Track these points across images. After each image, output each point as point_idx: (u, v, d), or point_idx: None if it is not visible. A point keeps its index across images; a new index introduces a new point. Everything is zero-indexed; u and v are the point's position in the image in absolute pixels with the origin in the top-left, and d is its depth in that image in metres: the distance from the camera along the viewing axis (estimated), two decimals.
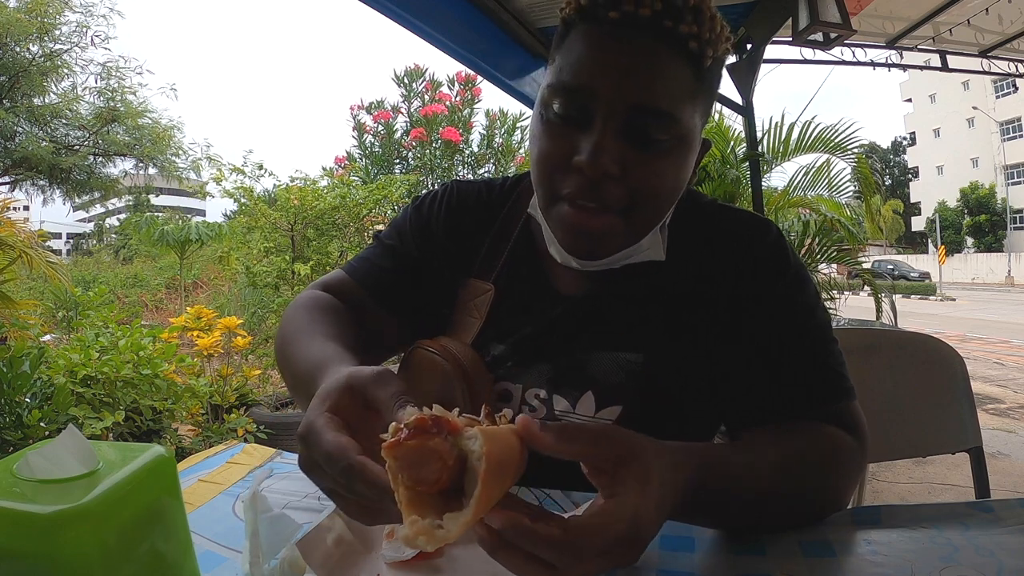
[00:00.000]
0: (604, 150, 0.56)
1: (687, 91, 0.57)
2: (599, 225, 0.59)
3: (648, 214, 0.62)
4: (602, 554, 0.40)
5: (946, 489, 3.04)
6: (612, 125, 0.56)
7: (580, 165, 0.56)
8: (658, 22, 0.55)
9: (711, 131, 3.85)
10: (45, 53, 8.52)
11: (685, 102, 0.57)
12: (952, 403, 1.12)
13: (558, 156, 0.59)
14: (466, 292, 0.75)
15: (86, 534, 0.38)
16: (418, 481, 0.35)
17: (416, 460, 0.35)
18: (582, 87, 0.57)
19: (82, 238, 30.37)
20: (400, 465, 0.35)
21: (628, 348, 0.68)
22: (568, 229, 0.61)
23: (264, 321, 4.62)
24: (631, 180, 0.58)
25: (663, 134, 0.58)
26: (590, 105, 0.57)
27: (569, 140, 0.58)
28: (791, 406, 0.63)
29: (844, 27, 2.63)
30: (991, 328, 10.66)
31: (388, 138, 6.31)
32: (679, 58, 0.57)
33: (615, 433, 0.45)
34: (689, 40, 0.56)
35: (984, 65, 4.28)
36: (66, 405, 2.29)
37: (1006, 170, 32.20)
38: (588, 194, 0.58)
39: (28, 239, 3.90)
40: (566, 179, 0.59)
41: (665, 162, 0.59)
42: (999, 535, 0.54)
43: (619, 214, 0.60)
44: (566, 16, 0.60)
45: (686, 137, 0.59)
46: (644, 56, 0.56)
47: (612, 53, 0.56)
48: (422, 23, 2.19)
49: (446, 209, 0.79)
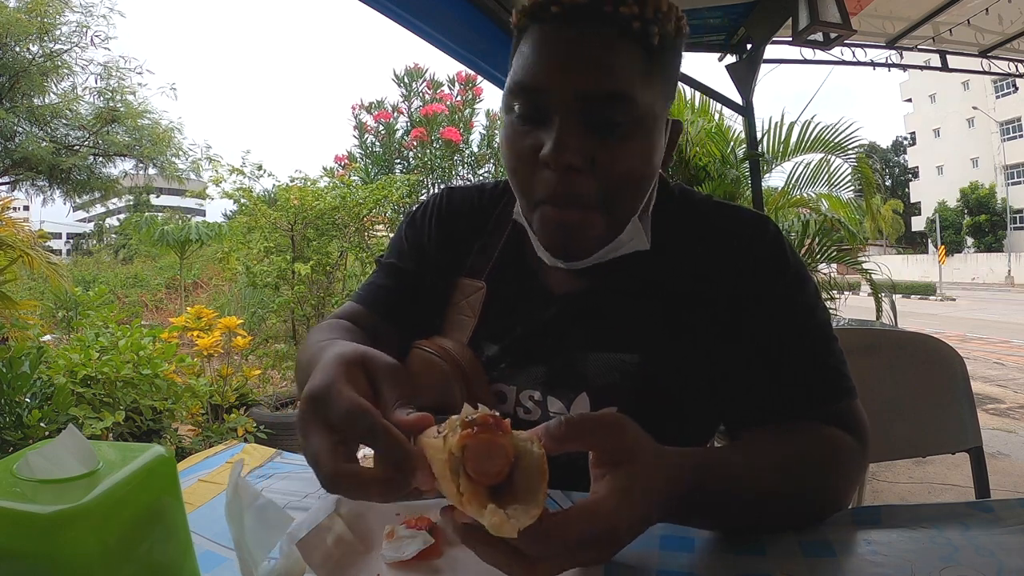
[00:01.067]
0: (565, 142, 0.57)
1: (638, 71, 0.58)
2: (577, 220, 0.60)
3: (623, 202, 0.62)
4: (573, 549, 0.40)
5: (946, 489, 3.04)
6: (569, 117, 0.57)
7: (545, 159, 0.57)
8: (598, 8, 0.56)
9: (711, 131, 3.85)
10: (45, 53, 8.51)
11: (638, 83, 0.58)
12: (952, 403, 1.12)
13: (526, 157, 0.60)
14: (459, 291, 0.76)
15: (86, 534, 0.38)
16: (481, 473, 0.37)
17: (485, 454, 0.37)
18: (535, 85, 0.58)
19: (82, 238, 30.38)
20: (468, 456, 0.37)
21: (623, 349, 0.68)
22: (548, 231, 0.62)
23: (264, 321, 4.62)
24: (599, 168, 0.58)
25: (621, 116, 0.58)
26: (546, 102, 0.58)
27: (533, 139, 0.59)
28: (791, 406, 0.63)
29: (844, 27, 2.63)
30: (991, 328, 10.66)
31: (389, 138, 6.31)
32: (625, 40, 0.57)
33: (619, 430, 0.45)
34: (632, 21, 0.56)
35: (984, 65, 4.28)
36: (66, 405, 2.29)
37: (1006, 170, 32.19)
38: (562, 194, 0.59)
39: (28, 239, 3.91)
40: (539, 180, 0.60)
41: (629, 145, 0.59)
42: (999, 535, 0.54)
43: (596, 209, 0.60)
44: (516, 23, 0.62)
45: (646, 118, 0.59)
46: (589, 44, 0.57)
47: (558, 46, 0.57)
48: (422, 23, 2.19)
49: (437, 218, 0.80)
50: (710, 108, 4.00)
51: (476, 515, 0.37)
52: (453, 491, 0.38)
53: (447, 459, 0.38)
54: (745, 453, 0.59)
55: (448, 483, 0.38)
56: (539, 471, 0.38)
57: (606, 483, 0.43)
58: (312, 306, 3.96)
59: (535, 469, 0.39)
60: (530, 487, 0.38)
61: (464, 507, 0.37)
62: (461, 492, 0.37)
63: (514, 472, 0.39)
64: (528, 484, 0.38)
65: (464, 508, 0.37)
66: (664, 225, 0.70)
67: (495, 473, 0.38)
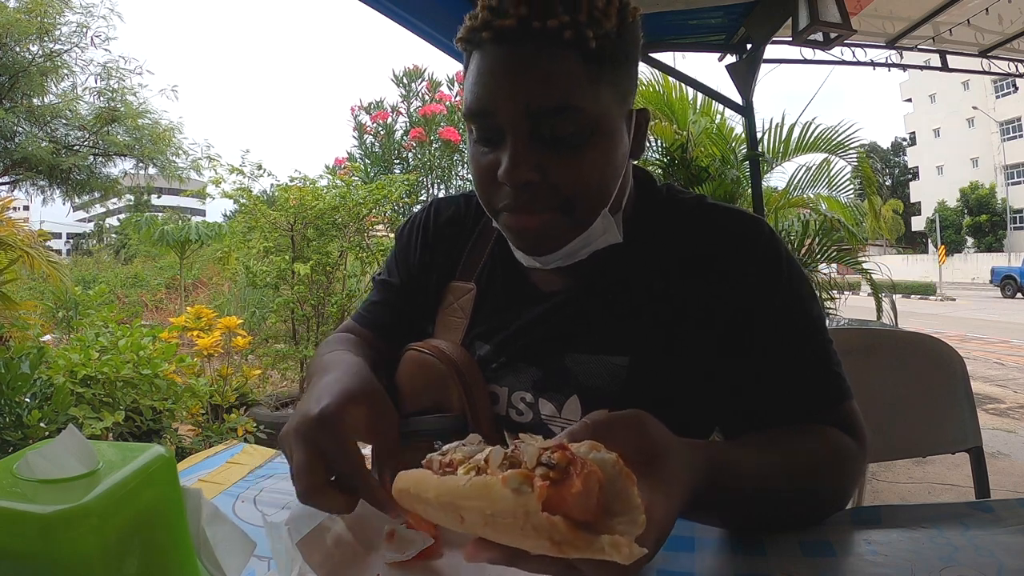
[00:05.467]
0: (518, 161, 0.58)
1: (580, 78, 0.57)
2: (538, 224, 0.61)
3: (584, 205, 0.62)
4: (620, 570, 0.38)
5: (946, 489, 3.04)
6: (520, 134, 0.58)
7: (502, 180, 0.59)
8: (527, 27, 0.56)
9: (711, 132, 3.86)
10: (45, 53, 8.51)
11: (583, 89, 0.58)
12: (952, 403, 1.12)
13: (486, 175, 0.61)
14: (450, 294, 0.77)
15: (86, 534, 0.38)
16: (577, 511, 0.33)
17: (584, 496, 0.33)
18: (481, 109, 0.59)
19: (82, 238, 30.40)
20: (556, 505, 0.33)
21: (613, 351, 0.67)
22: (513, 233, 0.64)
23: (264, 321, 4.62)
24: (555, 181, 0.59)
25: (571, 127, 0.58)
26: (495, 123, 0.59)
27: (491, 159, 0.61)
28: (789, 410, 0.63)
29: (844, 27, 2.63)
30: (991, 328, 10.66)
31: (388, 138, 6.31)
32: (561, 51, 0.57)
33: (642, 427, 0.45)
34: (563, 31, 0.56)
35: (984, 65, 4.28)
36: (66, 405, 2.29)
37: (1006, 170, 32.19)
38: (520, 203, 0.60)
39: (29, 239, 3.91)
40: (498, 194, 0.62)
41: (584, 153, 0.59)
42: (999, 535, 0.54)
43: (557, 210, 0.61)
44: (462, 50, 0.63)
45: (598, 122, 0.59)
46: (526, 63, 0.57)
47: (496, 69, 0.58)
48: (422, 23, 2.19)
49: (423, 230, 0.83)
50: (711, 108, 4.00)
51: (586, 553, 0.32)
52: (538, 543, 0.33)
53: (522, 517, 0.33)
54: (751, 453, 0.58)
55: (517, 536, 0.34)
56: (623, 475, 0.35)
57: (648, 486, 0.41)
58: (312, 306, 3.96)
59: (616, 474, 0.35)
60: (618, 494, 0.35)
61: (566, 553, 0.33)
62: (557, 542, 0.32)
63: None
64: (613, 491, 0.35)
65: (566, 554, 0.33)
66: (647, 223, 0.70)
67: (593, 507, 0.34)
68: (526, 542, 0.34)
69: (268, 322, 4.45)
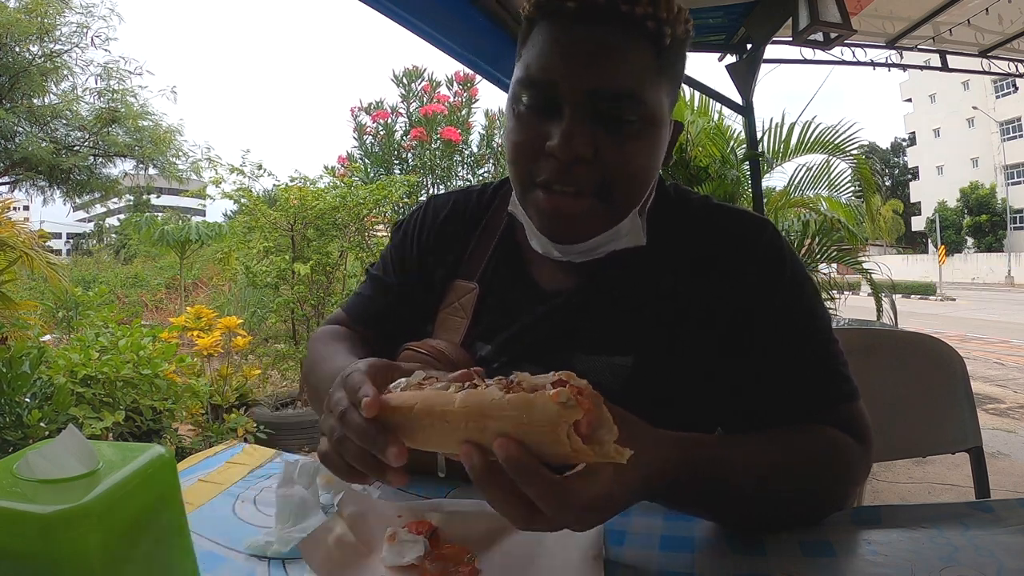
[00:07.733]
0: (575, 135, 0.57)
1: (650, 71, 0.59)
2: (576, 208, 0.61)
3: (624, 195, 0.63)
4: (578, 510, 0.42)
5: (946, 489, 3.04)
6: (580, 111, 0.58)
7: (552, 151, 0.58)
8: (614, 7, 0.57)
9: (711, 131, 3.85)
10: (45, 54, 8.51)
11: (649, 82, 0.59)
12: (952, 403, 1.11)
13: (531, 145, 0.60)
14: (452, 293, 0.77)
15: (86, 534, 0.38)
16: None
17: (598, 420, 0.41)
18: (547, 79, 0.59)
19: (82, 238, 30.40)
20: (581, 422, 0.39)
21: (618, 351, 0.67)
22: (545, 214, 0.62)
23: (264, 321, 4.61)
24: (604, 162, 0.59)
25: (631, 115, 0.59)
26: (557, 95, 0.59)
27: (541, 129, 0.60)
28: (793, 410, 0.63)
29: (844, 27, 2.62)
30: (991, 328, 10.65)
31: (388, 138, 6.31)
32: (639, 39, 0.58)
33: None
34: (647, 20, 0.57)
35: (984, 65, 4.28)
36: (66, 405, 2.29)
37: (1006, 170, 32.18)
38: (562, 179, 0.60)
39: (29, 239, 3.90)
40: (540, 166, 0.61)
41: (636, 143, 0.60)
42: (999, 535, 0.54)
43: (595, 197, 0.61)
44: (528, 14, 0.62)
45: (654, 116, 0.60)
46: (604, 42, 0.58)
47: (574, 43, 0.58)
48: (422, 23, 2.19)
49: (421, 227, 0.82)
50: (710, 108, 4.00)
51: (596, 458, 0.39)
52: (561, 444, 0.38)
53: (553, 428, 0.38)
54: (743, 448, 0.59)
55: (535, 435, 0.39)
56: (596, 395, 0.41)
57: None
58: (312, 306, 3.95)
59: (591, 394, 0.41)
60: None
61: (582, 459, 0.39)
62: (574, 449, 0.38)
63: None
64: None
65: (581, 460, 0.39)
66: (658, 224, 0.70)
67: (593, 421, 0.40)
68: (546, 449, 0.39)
69: (268, 322, 4.45)
